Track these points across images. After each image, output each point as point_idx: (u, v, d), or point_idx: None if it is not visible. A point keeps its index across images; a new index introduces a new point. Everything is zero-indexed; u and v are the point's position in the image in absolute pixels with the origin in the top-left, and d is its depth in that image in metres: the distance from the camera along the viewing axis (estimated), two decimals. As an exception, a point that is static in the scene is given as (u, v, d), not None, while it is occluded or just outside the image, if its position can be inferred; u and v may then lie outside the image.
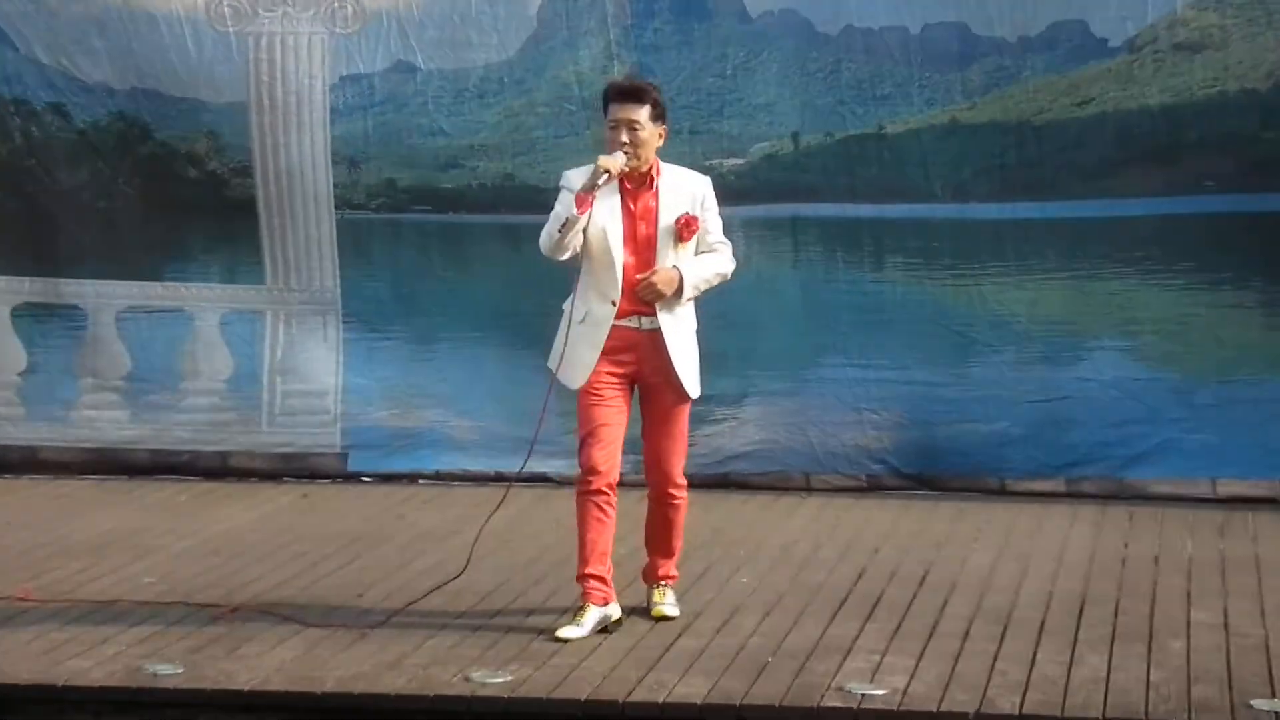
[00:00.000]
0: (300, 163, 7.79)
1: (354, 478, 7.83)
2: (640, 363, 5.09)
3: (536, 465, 6.74)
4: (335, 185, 7.83)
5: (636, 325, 5.04)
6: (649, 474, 5.20)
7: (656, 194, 5.04)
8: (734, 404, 7.67)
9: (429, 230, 7.97)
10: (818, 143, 7.70)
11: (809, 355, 7.69)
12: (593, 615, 5.16)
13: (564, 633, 5.13)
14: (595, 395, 5.08)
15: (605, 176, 4.88)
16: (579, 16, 7.57)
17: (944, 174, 7.50)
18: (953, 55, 7.42)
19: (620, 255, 5.00)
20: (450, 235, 7.96)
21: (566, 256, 4.97)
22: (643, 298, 4.98)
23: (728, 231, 5.46)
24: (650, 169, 5.06)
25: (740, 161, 7.67)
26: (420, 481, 7.83)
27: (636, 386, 5.17)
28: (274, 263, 7.90)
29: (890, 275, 7.66)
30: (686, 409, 5.19)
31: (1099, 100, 7.34)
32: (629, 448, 5.30)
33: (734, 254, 5.44)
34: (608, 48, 7.68)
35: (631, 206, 5.04)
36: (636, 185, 5.05)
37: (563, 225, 4.87)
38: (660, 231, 5.02)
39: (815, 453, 7.58)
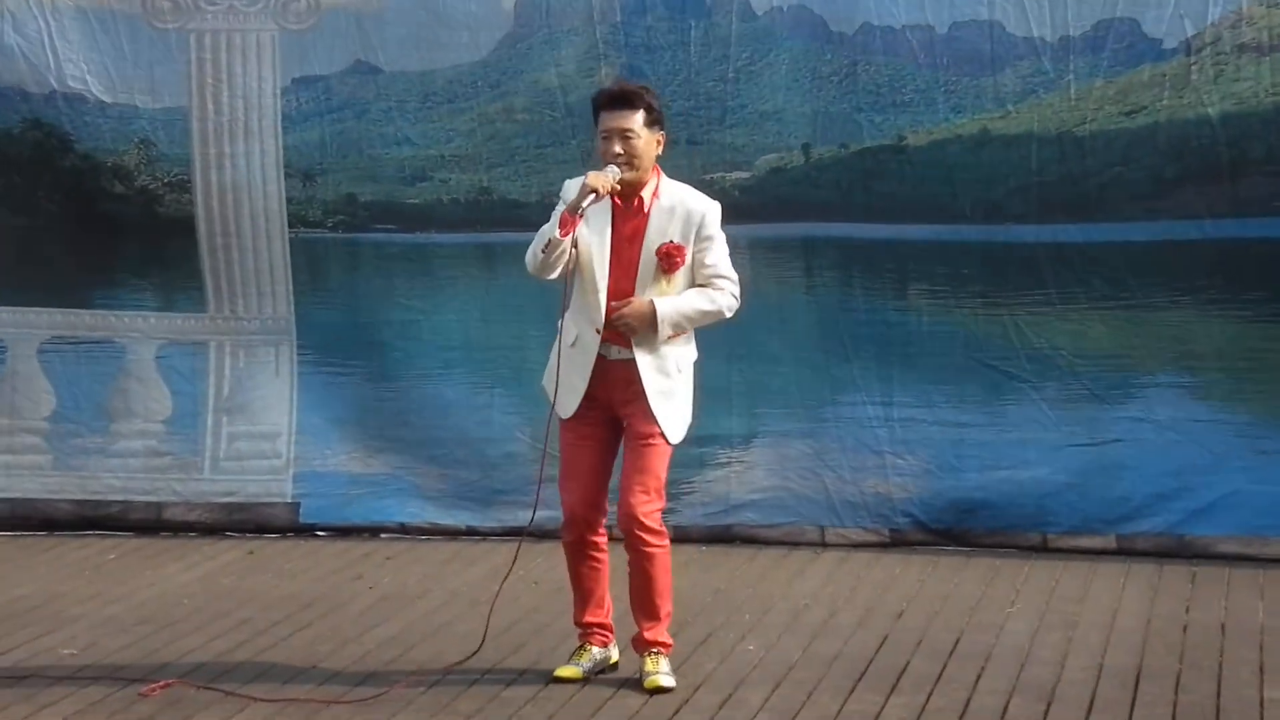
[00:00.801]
0: (248, 176, 7.73)
1: (307, 532, 7.76)
2: (612, 393, 5.13)
3: (509, 516, 6.93)
4: (288, 201, 7.78)
5: (606, 354, 5.12)
6: (618, 516, 5.23)
7: (647, 216, 5.06)
8: (740, 446, 7.60)
9: (393, 251, 7.89)
10: (832, 155, 7.60)
11: (824, 392, 7.58)
12: (592, 656, 5.33)
13: (562, 672, 5.29)
14: (574, 433, 5.16)
15: (592, 197, 4.91)
16: (561, 13, 7.54)
17: (974, 191, 7.43)
18: (984, 57, 7.35)
19: (604, 280, 5.06)
20: (418, 257, 7.89)
21: (554, 277, 5.02)
22: (620, 329, 5.05)
23: (733, 255, 5.45)
24: (646, 186, 5.07)
25: (745, 175, 7.60)
26: (382, 536, 7.79)
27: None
28: (218, 288, 7.80)
29: (915, 304, 7.56)
30: (660, 449, 5.19)
31: (1151, 109, 7.25)
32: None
33: (740, 285, 5.43)
34: (594, 47, 7.63)
35: (620, 227, 5.09)
36: (628, 203, 5.07)
37: (546, 245, 4.92)
38: (643, 258, 5.05)
39: (831, 502, 7.53)
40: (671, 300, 5.07)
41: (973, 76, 7.36)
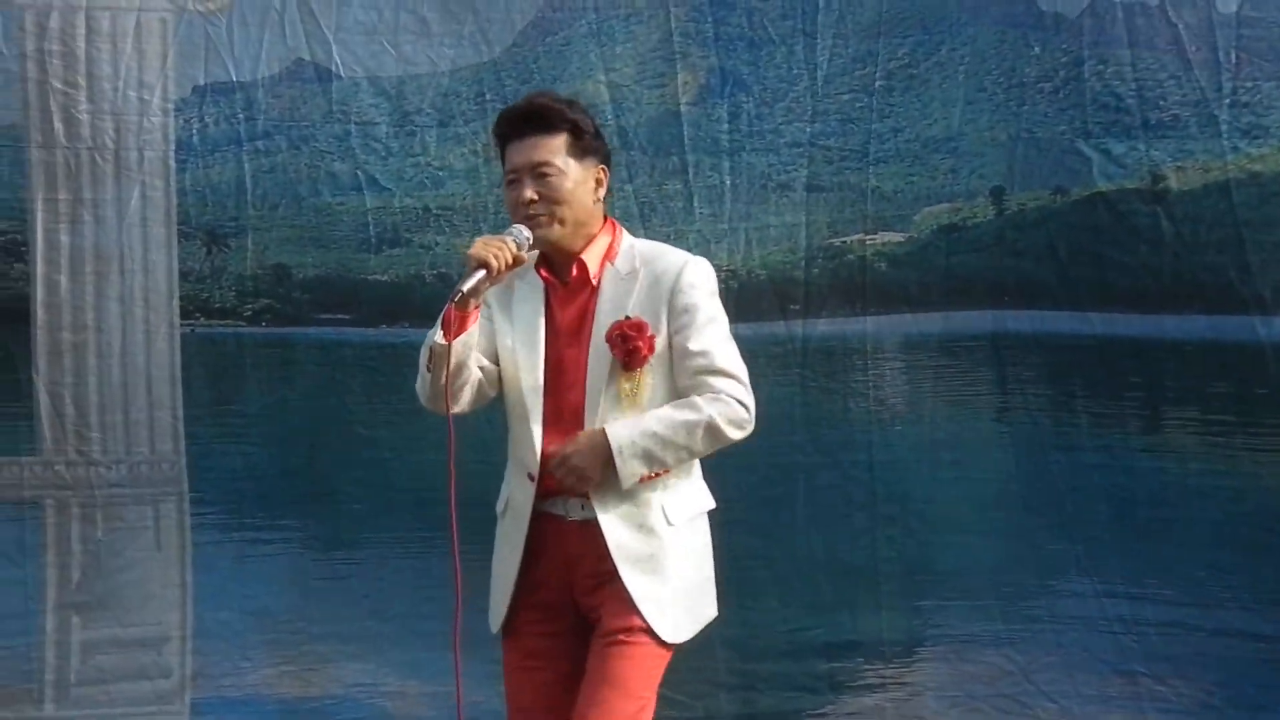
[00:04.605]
0: (120, 236, 6.24)
1: (213, 790, 6.54)
2: (570, 575, 4.20)
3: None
4: (181, 277, 6.30)
5: (562, 513, 4.18)
6: None
7: (595, 289, 4.19)
8: (900, 659, 6.22)
9: (347, 355, 6.43)
10: (1039, 205, 6.15)
11: (1029, 576, 6.18)
12: None
13: None
14: (514, 652, 4.31)
15: (481, 275, 4.03)
16: (615, -11, 6.53)
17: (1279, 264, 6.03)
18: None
19: (536, 399, 4.18)
20: (384, 364, 6.40)
21: (462, 409, 4.20)
22: (565, 484, 4.16)
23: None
24: (590, 248, 4.19)
25: (898, 239, 6.24)
26: (337, 798, 6.52)
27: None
28: (58, 414, 6.25)
29: (1174, 440, 6.10)
30: (641, 653, 4.19)
31: None
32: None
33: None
34: (665, 42, 6.23)
35: (556, 317, 4.23)
36: (563, 276, 4.22)
37: (431, 359, 4.12)
38: (592, 354, 4.15)
39: (1050, 746, 6.16)
40: (632, 422, 4.14)
41: (1278, 81, 6.04)
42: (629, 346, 4.12)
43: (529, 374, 4.21)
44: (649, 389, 4.18)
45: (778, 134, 5.85)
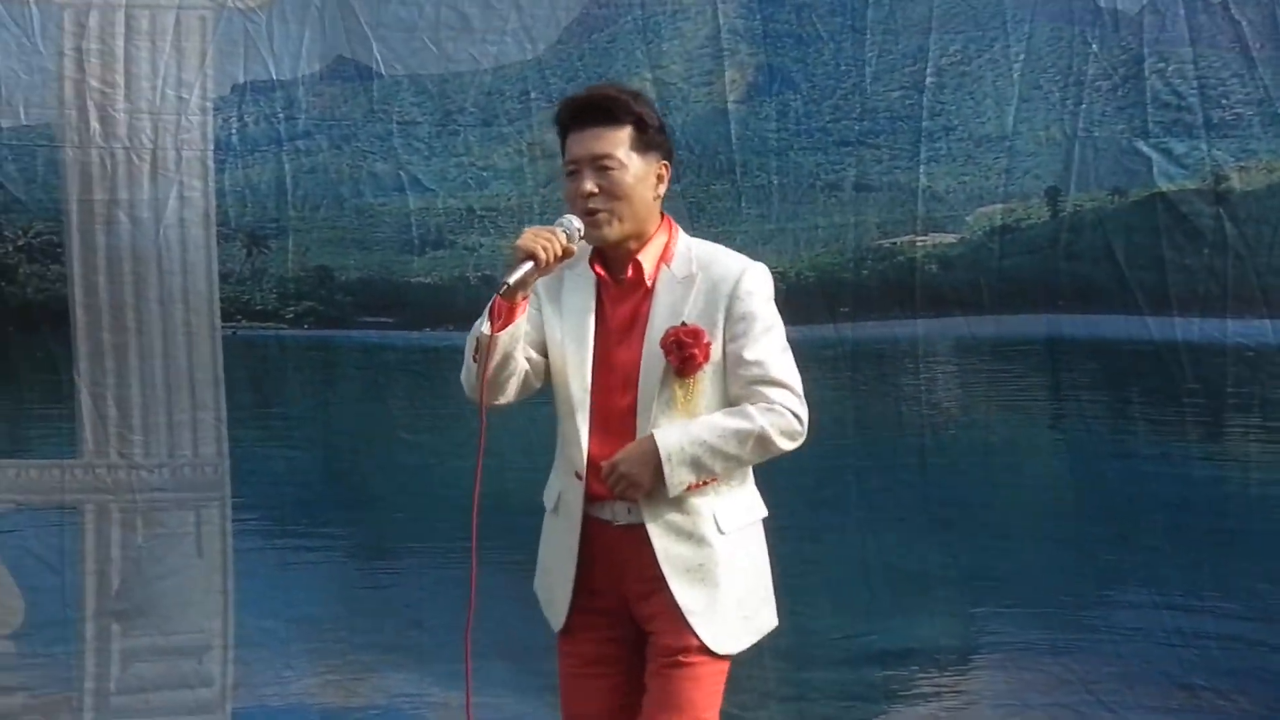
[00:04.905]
0: (157, 238, 6.18)
1: (255, 802, 6.51)
2: (622, 583, 4.17)
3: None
4: (222, 279, 6.26)
5: (609, 518, 4.14)
6: None
7: (650, 292, 4.13)
8: (955, 666, 6.17)
9: (388, 360, 6.42)
10: (1096, 206, 6.06)
11: (1087, 586, 6.07)
12: None
13: None
14: (573, 655, 4.27)
15: (529, 266, 3.97)
16: (663, -16, 6.47)
17: (1351, 268, 5.96)
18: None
19: (583, 398, 4.13)
20: (428, 368, 6.36)
21: (506, 401, 4.16)
22: (616, 491, 4.10)
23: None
24: (647, 248, 4.15)
25: (950, 240, 6.15)
26: (380, 807, 6.56)
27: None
28: (100, 417, 6.18)
29: (1235, 448, 5.99)
30: (700, 674, 4.16)
31: None
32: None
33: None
34: (714, 38, 6.16)
35: (608, 314, 4.18)
36: (619, 275, 4.17)
37: (476, 350, 4.08)
38: (645, 358, 4.10)
39: (1108, 763, 6.16)
40: (682, 428, 4.09)
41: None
42: (685, 353, 4.07)
43: (577, 370, 4.17)
44: (702, 395, 4.14)
45: (826, 133, 5.80)
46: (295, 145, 6.29)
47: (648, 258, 4.17)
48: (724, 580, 4.13)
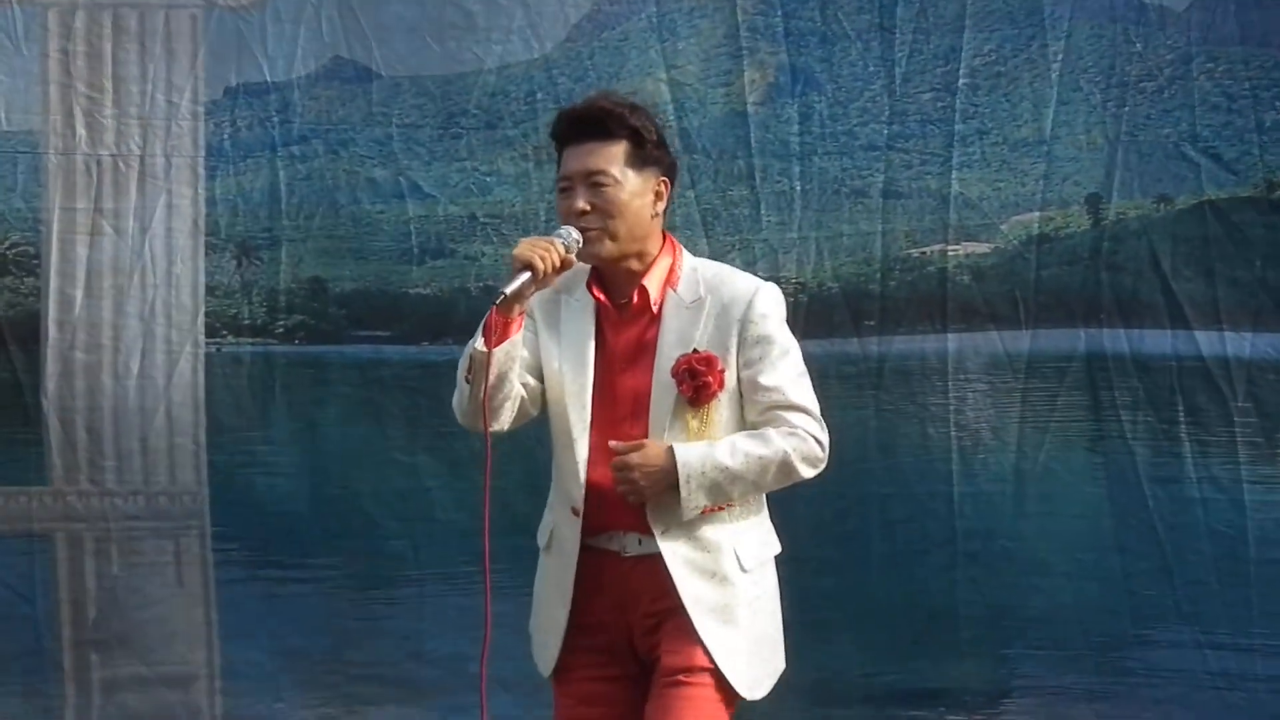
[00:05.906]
0: (143, 248, 6.08)
1: None
2: (626, 615, 4.00)
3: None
4: (208, 292, 6.16)
5: (618, 549, 4.01)
6: None
7: (657, 317, 4.00)
8: (984, 710, 6.02)
9: (384, 377, 6.25)
10: (1140, 214, 5.98)
11: (1127, 621, 5.93)
12: None
13: None
14: (568, 697, 4.10)
15: (526, 277, 3.86)
16: (676, -19, 6.64)
17: None
18: None
19: (582, 429, 4.01)
20: (425, 385, 6.16)
21: (498, 427, 3.99)
22: (621, 492, 3.96)
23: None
24: (651, 271, 4.04)
25: (983, 249, 6.06)
26: None
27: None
28: (69, 442, 6.08)
29: None
30: (703, 698, 3.95)
31: None
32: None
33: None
34: (732, 36, 6.07)
35: (609, 341, 4.05)
36: (621, 299, 4.05)
37: (469, 370, 3.99)
38: (655, 388, 3.97)
39: (1148, 818, 6.18)
40: (703, 450, 3.95)
41: None
42: (698, 382, 3.98)
43: (576, 399, 4.08)
44: (717, 425, 4.06)
45: (852, 136, 5.76)
46: (290, 150, 6.21)
47: (653, 283, 4.09)
48: (744, 620, 4.06)
